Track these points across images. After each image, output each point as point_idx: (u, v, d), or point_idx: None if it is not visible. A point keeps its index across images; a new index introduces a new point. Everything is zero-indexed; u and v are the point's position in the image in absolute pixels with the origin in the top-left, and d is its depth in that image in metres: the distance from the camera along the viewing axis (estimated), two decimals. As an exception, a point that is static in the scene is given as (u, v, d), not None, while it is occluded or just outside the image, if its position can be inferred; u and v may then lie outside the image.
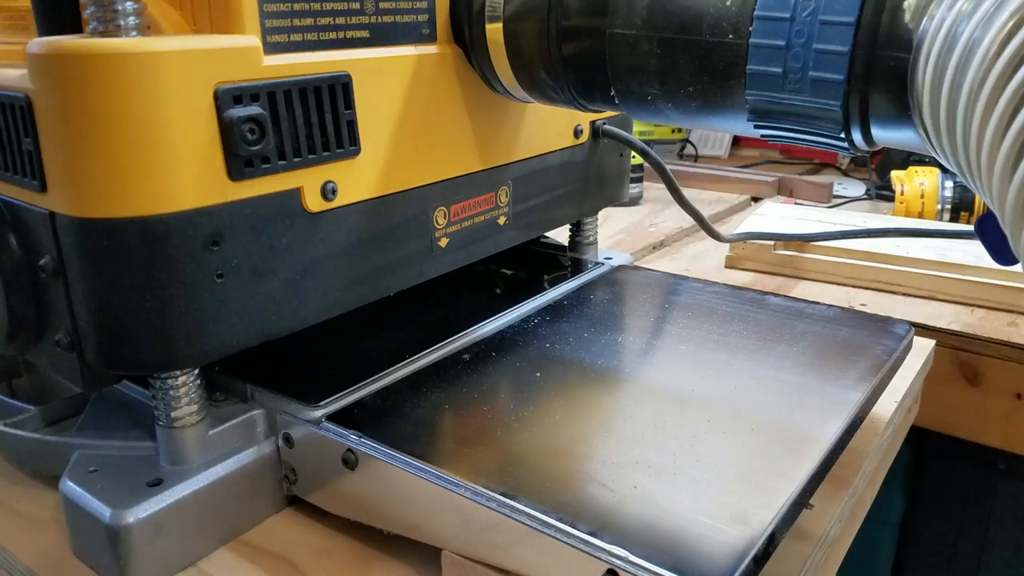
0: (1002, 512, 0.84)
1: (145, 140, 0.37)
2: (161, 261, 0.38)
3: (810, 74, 0.35)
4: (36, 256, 0.41)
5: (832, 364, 0.51)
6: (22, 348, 0.44)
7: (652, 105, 0.43)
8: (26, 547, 0.45)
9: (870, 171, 1.26)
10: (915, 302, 0.76)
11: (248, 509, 0.46)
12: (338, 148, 0.44)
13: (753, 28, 0.36)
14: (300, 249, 0.44)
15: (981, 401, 0.71)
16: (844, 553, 0.51)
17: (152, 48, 0.36)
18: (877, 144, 0.38)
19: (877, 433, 0.53)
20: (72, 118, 0.36)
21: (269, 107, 0.40)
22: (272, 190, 0.41)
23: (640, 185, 1.15)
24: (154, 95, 0.36)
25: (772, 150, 1.48)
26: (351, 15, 0.45)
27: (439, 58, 0.50)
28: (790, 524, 0.37)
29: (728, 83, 0.39)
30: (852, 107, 0.35)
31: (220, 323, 0.41)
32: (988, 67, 0.26)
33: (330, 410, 0.46)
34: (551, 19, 0.45)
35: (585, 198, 0.67)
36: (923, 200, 0.99)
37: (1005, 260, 0.36)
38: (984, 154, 0.27)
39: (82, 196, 0.37)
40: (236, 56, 0.39)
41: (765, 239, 0.84)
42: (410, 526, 0.42)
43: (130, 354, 0.40)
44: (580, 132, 0.63)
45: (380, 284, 0.50)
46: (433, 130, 0.50)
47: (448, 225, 0.53)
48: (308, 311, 0.45)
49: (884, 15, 0.33)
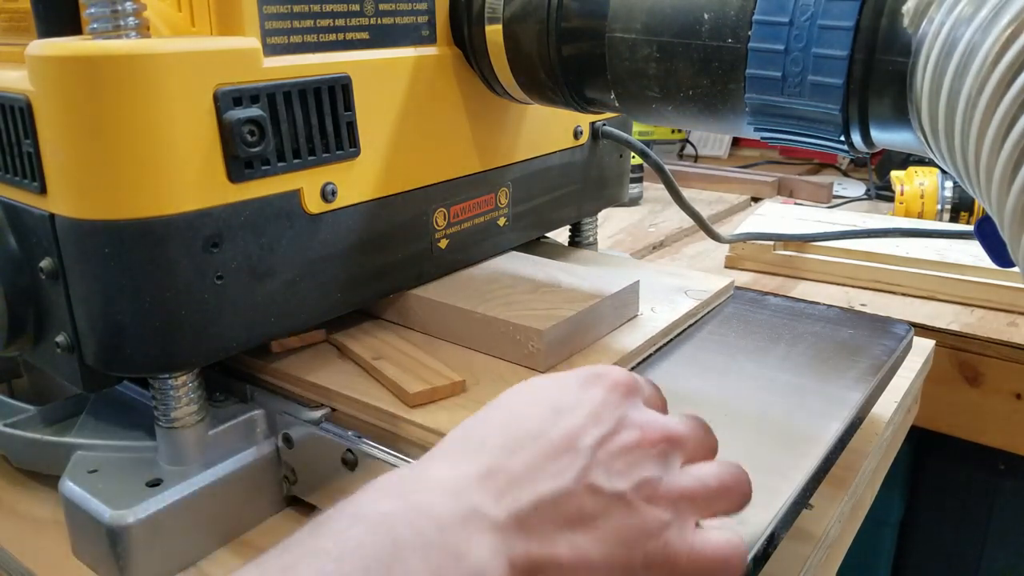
0: (1002, 512, 0.84)
1: (145, 142, 0.37)
2: (161, 263, 0.38)
3: (809, 78, 0.35)
4: (36, 258, 0.41)
5: (832, 364, 0.51)
6: (22, 349, 0.44)
7: (652, 107, 0.43)
8: (26, 547, 0.45)
9: (870, 171, 1.26)
10: (915, 302, 0.76)
11: (248, 509, 0.46)
12: (338, 150, 0.44)
13: (752, 32, 0.36)
14: (300, 250, 0.44)
15: (981, 401, 0.71)
16: (844, 553, 0.51)
17: (152, 50, 0.36)
18: (877, 146, 0.38)
19: (877, 433, 0.53)
20: (72, 120, 0.36)
21: (269, 109, 0.40)
22: (272, 191, 0.41)
23: (640, 185, 1.15)
24: (154, 97, 0.36)
25: (772, 150, 1.48)
26: (351, 17, 0.45)
27: (439, 59, 0.50)
28: (790, 524, 0.37)
29: (728, 87, 0.39)
30: (851, 110, 0.35)
31: (220, 324, 0.41)
32: (987, 73, 0.26)
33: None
34: (551, 21, 0.45)
35: (585, 199, 0.67)
36: (923, 200, 0.99)
37: (1004, 262, 0.36)
38: (983, 160, 0.27)
39: (82, 198, 0.37)
40: (236, 58, 0.39)
41: (765, 239, 0.84)
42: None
43: (130, 356, 0.40)
44: (580, 133, 0.63)
45: (380, 285, 0.50)
46: (433, 131, 0.50)
47: (448, 226, 0.54)
48: (308, 313, 0.45)
49: (883, 19, 0.33)
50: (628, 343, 0.51)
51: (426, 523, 0.25)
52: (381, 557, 0.23)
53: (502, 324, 0.48)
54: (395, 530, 0.24)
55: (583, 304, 0.50)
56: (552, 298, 0.52)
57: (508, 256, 0.60)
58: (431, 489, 0.26)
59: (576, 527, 0.27)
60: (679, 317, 0.55)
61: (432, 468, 0.28)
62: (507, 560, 0.25)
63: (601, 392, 0.31)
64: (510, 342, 0.48)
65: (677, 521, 0.29)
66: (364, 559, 0.23)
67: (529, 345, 0.47)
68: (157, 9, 0.41)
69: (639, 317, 0.55)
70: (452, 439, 0.30)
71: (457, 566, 0.24)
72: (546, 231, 0.67)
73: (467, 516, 0.25)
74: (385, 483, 0.27)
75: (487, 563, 0.25)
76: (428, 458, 0.29)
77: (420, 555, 0.24)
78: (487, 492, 0.26)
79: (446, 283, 0.54)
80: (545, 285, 0.54)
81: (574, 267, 0.58)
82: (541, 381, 0.32)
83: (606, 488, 0.28)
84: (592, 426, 0.29)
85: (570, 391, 0.31)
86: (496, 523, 0.26)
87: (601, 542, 0.27)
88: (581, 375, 0.32)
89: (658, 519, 0.28)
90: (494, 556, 0.25)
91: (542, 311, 0.49)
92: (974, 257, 0.76)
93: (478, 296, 0.52)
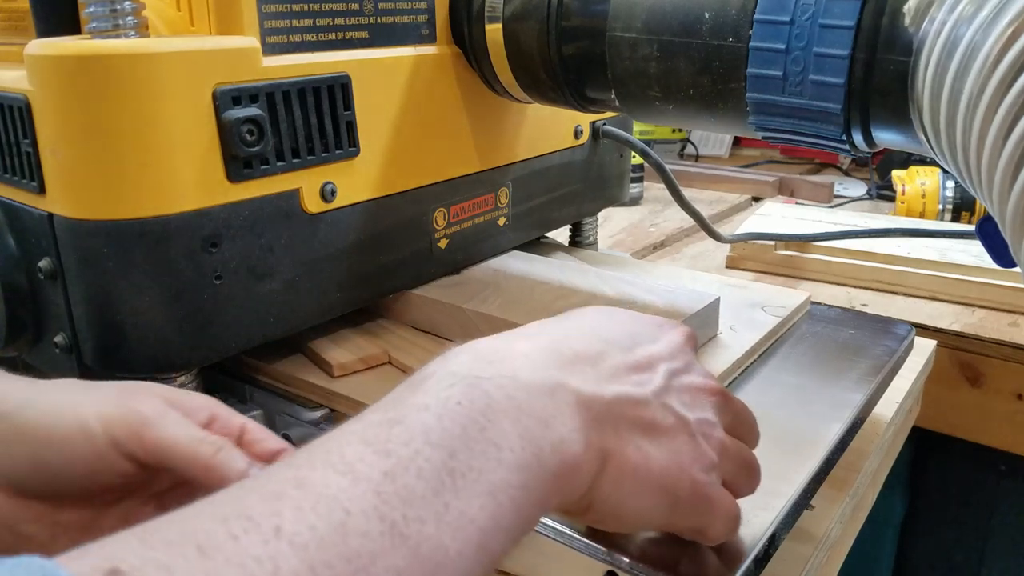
0: (1003, 513, 0.84)
1: (143, 141, 0.36)
2: (159, 263, 0.38)
3: (810, 77, 0.35)
4: (35, 258, 0.41)
5: (833, 365, 0.50)
6: (21, 350, 0.44)
7: (653, 107, 0.43)
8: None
9: (871, 171, 1.26)
10: (916, 302, 0.76)
11: (247, 510, 0.45)
12: (337, 149, 0.44)
13: (753, 31, 0.36)
14: (299, 250, 0.43)
15: (982, 402, 0.71)
16: (845, 554, 0.51)
17: (151, 49, 0.36)
18: (878, 145, 0.38)
19: (878, 434, 0.53)
20: (70, 119, 0.36)
21: (268, 108, 0.40)
22: (271, 191, 0.41)
23: (640, 185, 1.15)
24: (152, 96, 0.36)
25: (773, 150, 1.48)
26: (350, 16, 0.45)
27: (438, 59, 0.49)
28: (791, 525, 0.37)
29: (729, 86, 0.38)
30: (853, 110, 0.35)
31: (219, 325, 0.41)
32: (988, 73, 0.26)
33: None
34: (551, 20, 0.45)
35: (585, 199, 0.67)
36: (924, 200, 0.99)
37: (1006, 262, 0.36)
38: (984, 160, 0.27)
39: (80, 198, 0.37)
40: (235, 57, 0.39)
41: (766, 239, 0.84)
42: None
43: (128, 356, 0.39)
44: (580, 132, 0.63)
45: (379, 285, 0.50)
46: (432, 131, 0.50)
47: (448, 226, 0.53)
48: (307, 312, 0.45)
49: (884, 18, 0.33)
50: (712, 365, 0.48)
51: (516, 389, 0.26)
52: (476, 418, 0.24)
53: None
54: (488, 394, 0.25)
55: None
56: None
57: (561, 265, 0.57)
58: (518, 359, 0.27)
59: (646, 434, 0.29)
60: (762, 337, 0.52)
61: (517, 343, 0.29)
62: (585, 438, 0.27)
63: (676, 336, 0.33)
64: None
65: (718, 467, 0.31)
66: (461, 418, 0.24)
67: None
68: (156, 8, 0.41)
69: (719, 337, 0.52)
70: (530, 328, 0.31)
71: (544, 431, 0.25)
72: (546, 231, 0.67)
73: (554, 388, 0.27)
74: (479, 348, 0.28)
75: (569, 434, 0.26)
76: (511, 336, 0.30)
77: (511, 417, 0.25)
78: (572, 375, 0.28)
79: (508, 299, 0.51)
80: (619, 302, 0.51)
81: (641, 280, 0.55)
82: (619, 310, 0.34)
83: (677, 410, 0.30)
84: (668, 359, 0.31)
85: (647, 326, 0.33)
86: (580, 400, 0.27)
87: (663, 454, 0.29)
88: (655, 318, 0.34)
89: (709, 456, 0.30)
90: (575, 430, 0.26)
91: None
92: (976, 257, 0.76)
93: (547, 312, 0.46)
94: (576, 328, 0.31)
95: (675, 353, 0.32)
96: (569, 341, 0.29)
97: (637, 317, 0.34)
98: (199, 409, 0.33)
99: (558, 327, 0.31)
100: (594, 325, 0.32)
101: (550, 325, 0.31)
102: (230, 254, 0.40)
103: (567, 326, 0.31)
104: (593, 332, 0.31)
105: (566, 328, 0.31)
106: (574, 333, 0.30)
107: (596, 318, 0.33)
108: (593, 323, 0.32)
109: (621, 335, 0.31)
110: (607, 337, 0.31)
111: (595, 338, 0.30)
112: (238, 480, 0.30)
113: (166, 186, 0.37)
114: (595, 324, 0.32)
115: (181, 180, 0.38)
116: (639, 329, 0.33)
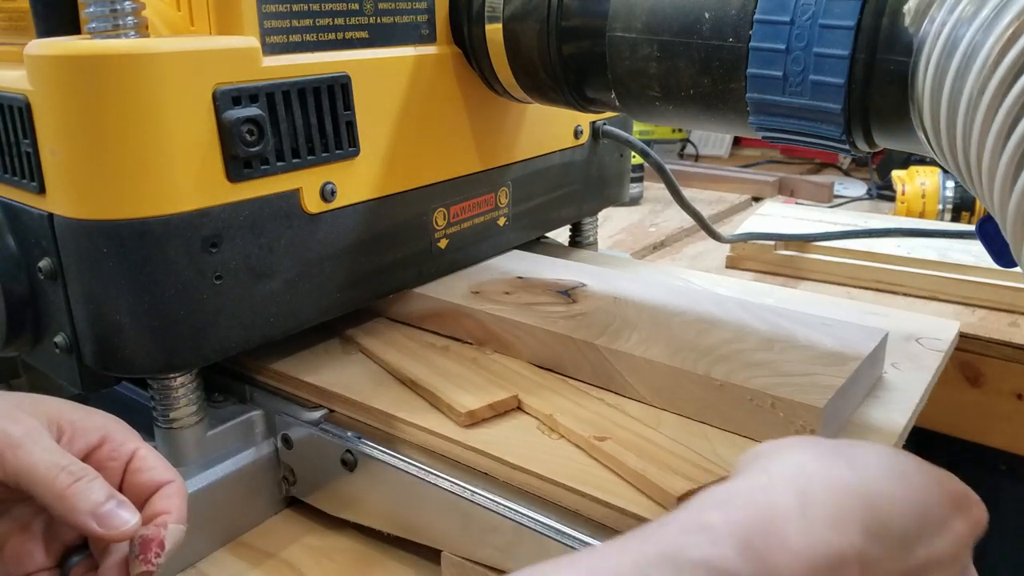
0: (1004, 513, 0.83)
1: (143, 141, 0.36)
2: (159, 263, 0.38)
3: (810, 77, 0.35)
4: (35, 258, 0.41)
5: None
6: (21, 350, 0.44)
7: (653, 107, 0.43)
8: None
9: (871, 171, 1.26)
10: (916, 302, 0.76)
11: (247, 510, 0.45)
12: (337, 149, 0.44)
13: (753, 32, 0.36)
14: (299, 250, 0.43)
15: (982, 402, 0.71)
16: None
17: (150, 49, 0.36)
18: (878, 145, 0.38)
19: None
20: (70, 119, 0.36)
21: (268, 108, 0.40)
22: (271, 191, 0.41)
23: (640, 185, 1.15)
24: (152, 96, 0.36)
25: (773, 150, 1.48)
26: (350, 16, 0.45)
27: (438, 59, 0.49)
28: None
29: (729, 86, 0.38)
30: (853, 110, 0.35)
31: (219, 325, 0.41)
32: (988, 74, 0.26)
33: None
34: (551, 20, 0.45)
35: (585, 199, 0.67)
36: (924, 200, 0.99)
37: (1006, 262, 0.36)
38: (985, 161, 0.27)
39: (80, 198, 0.37)
40: (235, 57, 0.39)
41: (766, 239, 0.84)
42: (410, 527, 0.42)
43: (128, 356, 0.39)
44: (580, 133, 0.63)
45: (379, 285, 0.50)
46: (432, 131, 0.50)
47: (448, 226, 0.53)
48: (307, 313, 0.45)
49: (884, 18, 0.33)
50: (888, 419, 0.42)
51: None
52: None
53: (754, 394, 0.39)
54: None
55: (844, 368, 0.40)
56: (795, 357, 0.41)
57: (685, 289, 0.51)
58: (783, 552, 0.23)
59: None
60: (931, 378, 0.46)
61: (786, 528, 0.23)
62: None
63: (966, 528, 0.26)
64: (764, 418, 0.39)
65: None
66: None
67: (798, 424, 0.38)
68: (156, 8, 0.40)
69: (884, 377, 0.46)
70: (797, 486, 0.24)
71: None
72: (546, 231, 0.67)
73: None
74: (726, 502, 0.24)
75: None
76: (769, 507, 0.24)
77: None
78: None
79: (644, 334, 0.45)
80: (776, 339, 0.44)
81: (788, 309, 0.48)
82: (903, 454, 0.27)
83: None
84: (947, 565, 0.26)
85: (939, 502, 0.26)
86: None
87: None
88: (956, 486, 0.27)
89: None
90: None
91: (798, 378, 0.39)
92: (976, 257, 0.76)
93: (696, 352, 0.42)
94: (858, 492, 0.24)
95: (956, 556, 0.26)
96: (845, 523, 0.24)
97: (930, 483, 0.26)
98: (91, 430, 0.33)
99: (822, 485, 0.25)
100: (883, 489, 0.25)
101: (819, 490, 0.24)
102: (230, 254, 0.40)
103: (838, 484, 0.25)
104: (878, 504, 0.25)
105: (864, 484, 0.25)
106: (853, 504, 0.24)
107: (885, 472, 0.26)
108: (880, 482, 0.25)
109: (908, 515, 0.25)
110: (894, 518, 0.24)
111: (879, 518, 0.24)
112: (89, 512, 0.30)
113: (166, 186, 0.37)
114: (884, 487, 0.25)
115: (181, 180, 0.38)
116: (930, 508, 0.25)
